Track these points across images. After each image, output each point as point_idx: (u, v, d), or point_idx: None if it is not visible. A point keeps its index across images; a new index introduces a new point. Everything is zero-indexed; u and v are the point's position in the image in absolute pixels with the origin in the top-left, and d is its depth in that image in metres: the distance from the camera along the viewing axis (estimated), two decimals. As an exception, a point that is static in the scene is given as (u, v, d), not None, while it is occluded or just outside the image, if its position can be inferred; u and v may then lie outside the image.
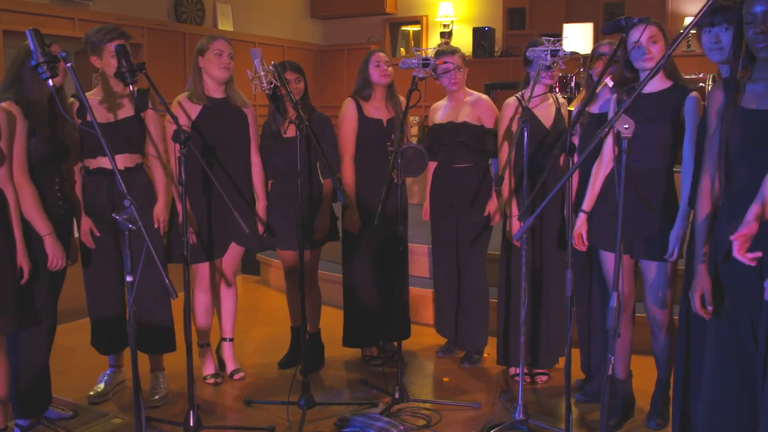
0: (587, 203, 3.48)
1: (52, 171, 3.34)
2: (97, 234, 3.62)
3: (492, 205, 4.19)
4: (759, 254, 2.15)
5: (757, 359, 2.23)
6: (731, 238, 2.18)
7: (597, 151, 3.46)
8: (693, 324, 2.98)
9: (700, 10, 2.22)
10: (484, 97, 4.30)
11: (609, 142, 3.33)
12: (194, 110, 3.85)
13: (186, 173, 3.18)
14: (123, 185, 2.66)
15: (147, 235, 2.58)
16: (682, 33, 2.25)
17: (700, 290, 2.56)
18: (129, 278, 2.59)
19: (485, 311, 4.31)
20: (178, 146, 3.15)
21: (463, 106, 4.25)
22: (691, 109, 3.15)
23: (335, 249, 4.44)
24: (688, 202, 3.14)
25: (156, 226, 3.69)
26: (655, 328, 3.39)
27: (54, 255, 3.25)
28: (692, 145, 3.11)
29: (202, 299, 4.03)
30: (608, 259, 3.43)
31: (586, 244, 3.49)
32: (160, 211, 3.70)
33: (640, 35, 3.13)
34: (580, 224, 3.49)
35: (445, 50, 4.28)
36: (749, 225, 2.21)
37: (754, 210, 2.27)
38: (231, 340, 4.18)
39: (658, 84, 3.28)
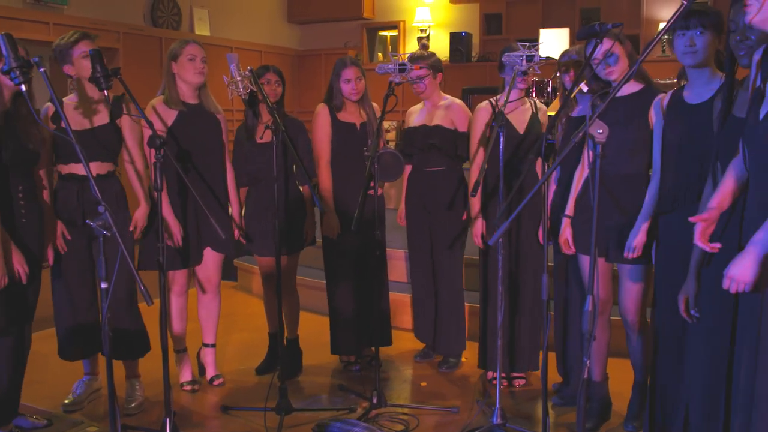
0: (570, 208, 3.50)
1: (17, 177, 3.27)
2: (68, 237, 3.58)
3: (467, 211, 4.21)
4: (718, 245, 2.18)
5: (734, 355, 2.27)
6: (690, 219, 2.22)
7: (574, 156, 3.48)
8: (665, 327, 3.02)
9: (674, 14, 2.24)
10: (458, 101, 4.31)
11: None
12: (170, 115, 3.82)
13: (162, 179, 3.16)
14: (97, 191, 2.64)
15: (121, 242, 2.56)
16: (655, 39, 2.27)
17: (685, 294, 2.61)
18: (104, 285, 2.57)
19: (461, 315, 4.32)
20: (153, 152, 3.14)
21: (437, 110, 4.26)
22: (658, 111, 3.18)
23: (314, 254, 4.43)
24: (654, 204, 3.18)
25: (132, 229, 3.65)
26: (630, 331, 3.41)
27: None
28: (660, 147, 3.15)
29: (176, 305, 4.01)
30: (586, 262, 3.45)
31: (573, 248, 3.51)
32: (140, 217, 3.68)
33: (600, 52, 3.17)
34: (564, 228, 3.51)
35: (414, 56, 4.29)
36: (710, 211, 2.26)
37: (716, 199, 2.31)
38: (213, 345, 4.16)
39: (629, 87, 3.31)
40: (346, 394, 3.99)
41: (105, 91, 3.22)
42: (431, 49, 10.04)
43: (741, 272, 2.05)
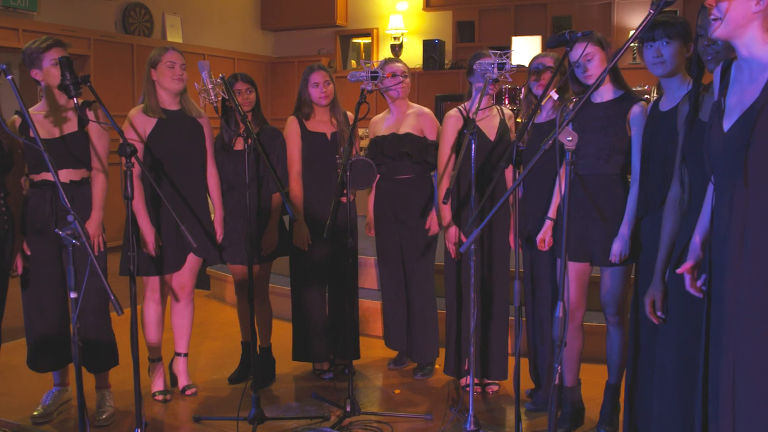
0: (552, 211, 3.53)
1: None
2: (28, 253, 3.53)
3: (433, 219, 4.22)
4: (704, 277, 2.21)
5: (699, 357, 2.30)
6: (677, 271, 2.24)
7: (541, 162, 3.50)
8: (642, 331, 3.05)
9: (640, 26, 2.27)
10: (427, 109, 4.33)
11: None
12: (149, 123, 3.80)
13: (142, 186, 3.13)
14: (66, 200, 2.62)
15: (91, 250, 2.53)
16: (622, 48, 2.30)
17: (652, 296, 2.65)
18: (73, 294, 2.54)
19: (434, 322, 4.33)
20: (124, 160, 3.12)
21: (406, 117, 4.27)
22: (637, 118, 3.22)
23: (286, 262, 4.41)
24: (635, 208, 3.22)
25: (92, 241, 3.60)
26: (612, 327, 3.45)
27: None
28: (639, 154, 3.19)
29: (152, 313, 3.97)
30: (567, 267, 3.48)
31: (547, 248, 3.54)
32: (92, 227, 3.60)
33: (579, 56, 3.22)
34: (545, 230, 3.53)
35: (389, 60, 4.32)
36: (696, 254, 2.28)
37: (697, 240, 2.34)
38: (185, 355, 4.13)
39: (608, 94, 3.35)
40: (319, 402, 3.97)
41: (75, 99, 3.19)
42: (404, 56, 10.09)
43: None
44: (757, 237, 2.07)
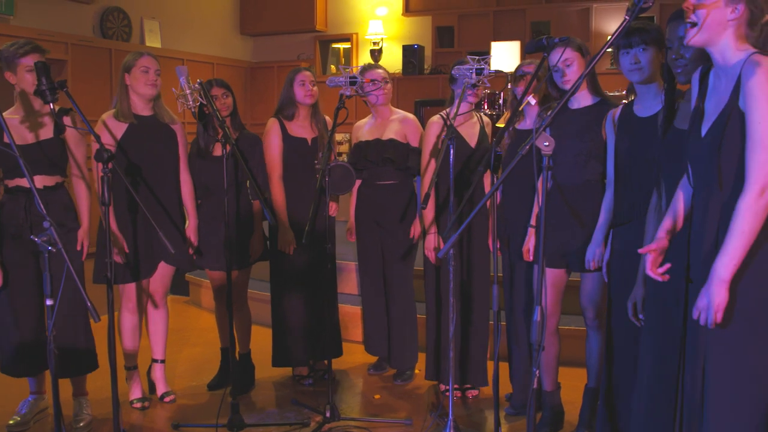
0: (534, 218, 3.54)
1: None
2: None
3: (416, 226, 4.23)
4: (667, 266, 2.23)
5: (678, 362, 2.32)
6: (639, 251, 2.27)
7: (519, 167, 3.52)
8: (617, 335, 3.07)
9: (615, 33, 2.29)
10: (411, 116, 4.34)
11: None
12: (120, 129, 3.78)
13: (112, 192, 3.12)
14: (42, 206, 2.59)
15: (67, 257, 2.51)
16: (597, 54, 2.32)
17: (633, 299, 2.68)
18: (49, 302, 2.52)
19: (414, 327, 4.33)
20: (101, 165, 3.09)
21: (389, 123, 4.27)
22: (611, 125, 3.24)
23: (266, 268, 4.40)
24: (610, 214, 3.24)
25: (79, 248, 3.59)
26: (591, 330, 3.47)
27: None
28: (614, 160, 3.22)
29: (129, 321, 3.94)
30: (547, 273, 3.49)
31: (531, 258, 3.55)
32: (83, 235, 3.61)
33: (558, 60, 3.23)
34: (529, 238, 3.54)
35: (370, 66, 4.33)
36: (660, 240, 2.31)
37: (665, 225, 2.37)
38: (162, 361, 4.09)
39: (584, 100, 3.38)
40: (299, 408, 3.96)
41: (51, 104, 3.17)
42: (383, 61, 10.11)
43: (708, 302, 2.07)
44: None
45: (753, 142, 2.02)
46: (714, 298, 2.06)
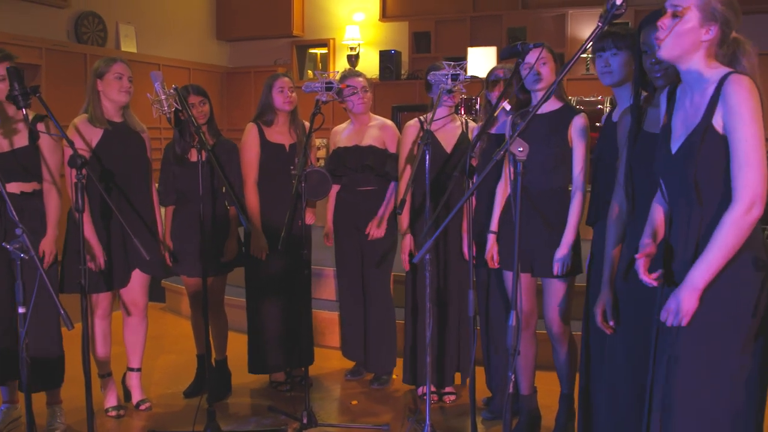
0: (494, 223, 3.55)
1: None
2: None
3: (374, 228, 4.20)
4: (659, 272, 2.26)
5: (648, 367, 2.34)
6: (636, 256, 2.29)
7: (497, 172, 3.55)
8: (593, 339, 3.09)
9: (588, 39, 2.31)
10: (389, 122, 4.35)
11: (507, 164, 3.43)
12: (95, 134, 3.74)
13: (85, 199, 3.08)
14: (14, 213, 2.57)
15: (40, 264, 2.49)
16: (572, 59, 2.34)
17: (602, 305, 2.70)
18: (21, 310, 2.49)
19: (393, 332, 4.33)
20: (74, 172, 3.06)
21: (368, 129, 4.27)
22: (577, 130, 3.28)
23: (242, 274, 4.38)
24: (577, 220, 3.27)
25: (43, 257, 3.53)
26: (556, 344, 3.47)
27: None
28: (581, 165, 3.25)
29: (101, 328, 3.90)
30: (509, 277, 3.51)
31: (497, 264, 3.56)
32: (47, 244, 3.54)
33: (535, 61, 3.25)
34: (491, 245, 3.55)
35: (350, 73, 4.32)
36: (649, 246, 2.34)
37: (647, 232, 2.40)
38: (138, 370, 4.05)
39: (548, 105, 3.39)
40: (275, 414, 3.94)
41: (24, 111, 3.14)
42: (360, 66, 10.11)
43: (678, 306, 2.11)
44: None
45: (739, 160, 2.06)
46: (684, 303, 2.10)
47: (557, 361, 3.52)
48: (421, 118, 4.02)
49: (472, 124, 4.11)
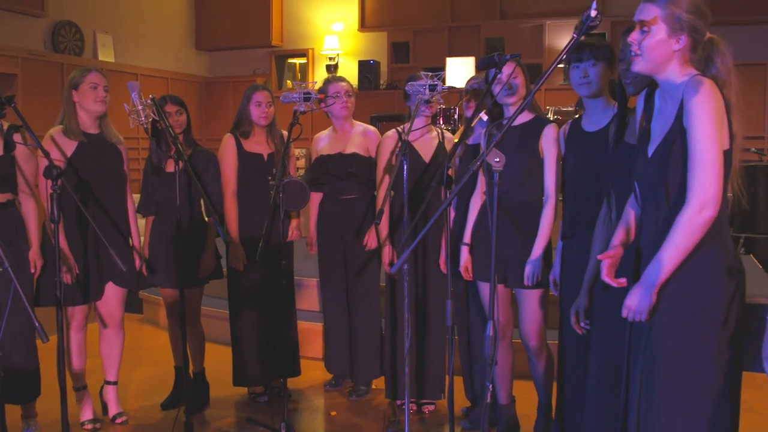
0: (467, 235, 3.56)
1: None
2: None
3: (372, 237, 4.20)
4: (624, 281, 2.28)
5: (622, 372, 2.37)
6: (598, 257, 2.32)
7: (474, 183, 3.56)
8: (569, 349, 3.11)
9: (564, 49, 2.33)
10: (372, 128, 4.35)
11: (481, 175, 3.45)
12: (70, 146, 3.71)
13: (61, 211, 3.06)
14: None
15: (15, 275, 2.46)
16: (548, 70, 2.36)
17: (576, 307, 2.75)
18: (-6, 322, 2.47)
19: (377, 342, 4.31)
20: (50, 182, 3.04)
21: (351, 136, 4.27)
22: (549, 140, 3.30)
23: (220, 285, 4.36)
24: (548, 230, 3.29)
25: (32, 270, 3.51)
26: (532, 354, 3.48)
27: None
28: (552, 175, 3.27)
29: (76, 341, 3.85)
30: (484, 289, 3.51)
31: (471, 276, 3.57)
32: (35, 256, 3.54)
33: (510, 73, 3.28)
34: (465, 257, 3.56)
35: (334, 78, 4.33)
36: (616, 248, 2.36)
37: (619, 236, 2.43)
38: (115, 383, 4.01)
39: (521, 117, 3.42)
40: (254, 426, 3.92)
41: (-1, 120, 3.11)
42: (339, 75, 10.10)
43: (637, 302, 2.16)
44: None
45: (693, 159, 2.09)
46: (642, 300, 2.15)
47: (534, 372, 3.53)
48: (399, 128, 4.03)
49: (448, 135, 4.12)
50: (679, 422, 2.16)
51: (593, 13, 2.21)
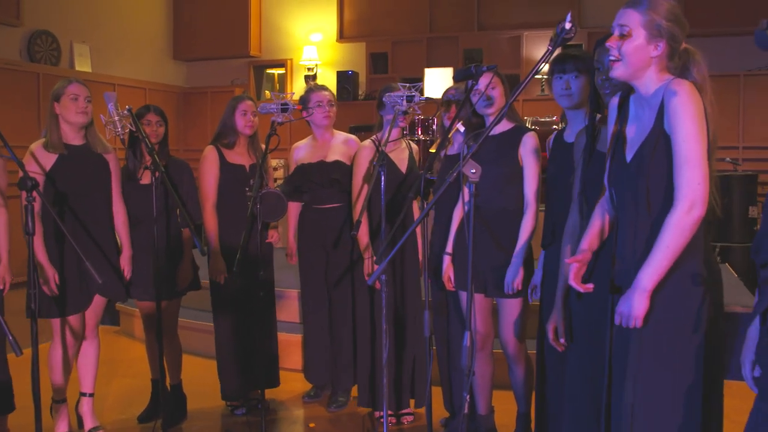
0: (449, 245, 3.57)
1: None
2: None
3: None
4: (590, 287, 2.30)
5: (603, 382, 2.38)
6: (566, 260, 2.34)
7: (449, 193, 3.57)
8: (548, 357, 3.12)
9: (539, 61, 2.35)
10: (353, 137, 4.36)
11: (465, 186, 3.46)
12: (49, 160, 3.66)
13: (41, 224, 3.03)
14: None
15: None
16: (524, 81, 2.37)
17: (554, 323, 2.74)
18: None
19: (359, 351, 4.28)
20: (24, 194, 3.01)
21: (333, 145, 4.27)
22: (527, 149, 3.32)
23: (198, 297, 4.33)
24: (527, 238, 3.30)
25: (0, 287, 3.47)
26: (512, 363, 3.49)
27: None
28: (531, 184, 3.28)
29: (58, 354, 3.80)
30: (465, 298, 3.52)
31: (453, 286, 3.58)
32: (4, 272, 3.49)
33: (487, 85, 3.30)
34: (447, 266, 3.57)
35: (316, 87, 4.33)
36: (583, 253, 2.38)
37: (587, 240, 2.44)
38: (91, 395, 3.96)
39: (500, 126, 3.44)
40: (232, 439, 3.90)
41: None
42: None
43: (630, 308, 2.16)
44: None
45: (679, 160, 2.11)
46: (636, 305, 2.15)
47: (513, 380, 3.54)
48: (374, 139, 4.03)
49: (413, 146, 4.15)
50: (669, 408, 2.17)
51: (568, 25, 2.24)
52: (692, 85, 2.15)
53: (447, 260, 3.57)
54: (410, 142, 4.14)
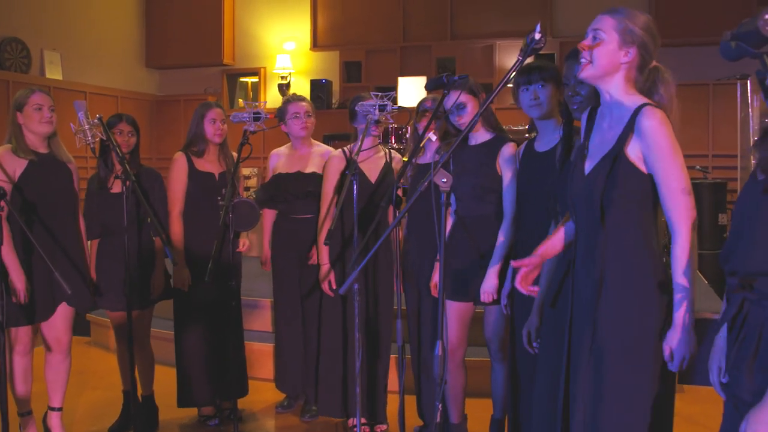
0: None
1: None
2: None
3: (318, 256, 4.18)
4: (536, 289, 2.39)
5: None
6: (512, 264, 2.38)
7: (421, 202, 3.57)
8: (521, 364, 3.14)
9: (509, 72, 2.37)
10: (330, 148, 4.36)
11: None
12: (20, 165, 3.61)
13: (9, 232, 2.99)
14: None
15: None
16: (491, 95, 2.40)
17: (527, 328, 2.78)
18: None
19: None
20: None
21: (311, 157, 4.27)
22: (505, 159, 3.35)
23: (170, 306, 4.29)
24: (505, 247, 3.32)
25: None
26: (495, 362, 3.51)
27: None
28: (509, 194, 3.31)
29: (21, 365, 3.75)
30: (448, 306, 3.52)
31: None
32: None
33: (452, 103, 3.33)
34: (435, 273, 3.57)
35: (294, 98, 4.33)
36: (533, 257, 2.43)
37: (542, 246, 2.49)
38: (60, 409, 3.89)
39: (481, 136, 3.46)
40: (204, 450, 3.87)
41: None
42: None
43: (684, 347, 2.15)
44: (613, 275, 2.21)
45: (671, 190, 2.17)
46: (687, 344, 2.15)
47: (494, 381, 3.54)
48: (345, 149, 4.03)
49: (396, 155, 4.15)
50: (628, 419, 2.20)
51: (537, 36, 2.27)
52: (664, 115, 2.20)
53: (437, 267, 3.58)
54: (393, 151, 4.14)
